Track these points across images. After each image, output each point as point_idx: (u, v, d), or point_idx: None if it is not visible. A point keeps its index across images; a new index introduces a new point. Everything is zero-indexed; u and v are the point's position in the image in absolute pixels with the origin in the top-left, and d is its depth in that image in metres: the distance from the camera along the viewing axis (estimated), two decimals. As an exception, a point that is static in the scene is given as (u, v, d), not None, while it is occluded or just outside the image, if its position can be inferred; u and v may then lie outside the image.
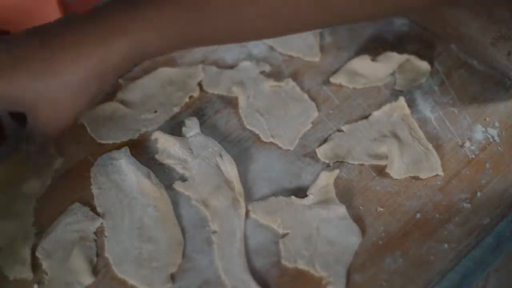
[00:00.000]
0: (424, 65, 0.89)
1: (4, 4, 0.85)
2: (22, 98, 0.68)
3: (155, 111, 0.86)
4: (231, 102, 0.87)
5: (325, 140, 0.84)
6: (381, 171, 0.81)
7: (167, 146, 0.83)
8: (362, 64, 0.89)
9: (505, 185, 0.80)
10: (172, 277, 0.74)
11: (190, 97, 0.88)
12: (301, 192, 0.80)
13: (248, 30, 0.71)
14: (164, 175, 0.81)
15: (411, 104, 0.86)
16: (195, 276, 0.74)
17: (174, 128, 0.85)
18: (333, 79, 0.89)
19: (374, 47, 0.91)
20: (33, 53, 0.68)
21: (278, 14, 0.69)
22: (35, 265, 0.75)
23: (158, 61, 0.90)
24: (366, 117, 0.85)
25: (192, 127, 0.84)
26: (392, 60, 0.89)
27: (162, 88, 0.88)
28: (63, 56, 0.68)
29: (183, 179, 0.81)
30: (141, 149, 0.83)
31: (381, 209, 0.78)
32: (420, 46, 0.91)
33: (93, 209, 0.79)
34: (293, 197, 0.79)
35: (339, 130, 0.84)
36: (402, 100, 0.85)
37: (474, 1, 0.87)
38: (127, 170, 0.81)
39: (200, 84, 0.89)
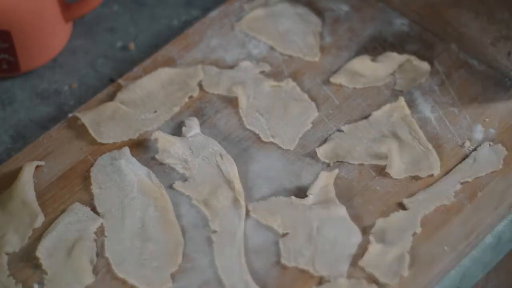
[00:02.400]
0: (424, 65, 0.89)
1: (4, 4, 0.85)
2: None
3: (155, 111, 0.86)
4: (231, 102, 0.87)
5: (325, 140, 0.84)
6: (381, 171, 0.81)
7: (167, 146, 0.83)
8: (362, 64, 0.89)
9: (505, 185, 0.80)
10: (172, 277, 0.74)
11: (190, 97, 0.87)
12: (301, 192, 0.80)
13: None
14: (164, 175, 0.81)
15: (411, 104, 0.86)
16: (195, 276, 0.74)
17: (174, 128, 0.85)
18: (333, 79, 0.88)
19: (374, 47, 0.91)
20: None
21: None
22: (35, 265, 0.75)
23: (158, 61, 0.90)
24: (366, 117, 0.85)
25: (192, 127, 0.84)
26: (392, 60, 0.89)
27: (162, 88, 0.88)
28: None
29: (183, 179, 0.81)
30: (141, 149, 0.83)
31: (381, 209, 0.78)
32: (420, 46, 0.91)
33: (93, 209, 0.79)
34: (293, 197, 0.79)
35: (339, 130, 0.84)
36: (402, 100, 0.85)
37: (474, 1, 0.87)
38: (127, 170, 0.81)
39: (200, 84, 0.88)
